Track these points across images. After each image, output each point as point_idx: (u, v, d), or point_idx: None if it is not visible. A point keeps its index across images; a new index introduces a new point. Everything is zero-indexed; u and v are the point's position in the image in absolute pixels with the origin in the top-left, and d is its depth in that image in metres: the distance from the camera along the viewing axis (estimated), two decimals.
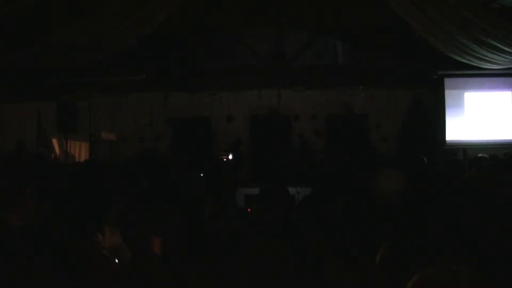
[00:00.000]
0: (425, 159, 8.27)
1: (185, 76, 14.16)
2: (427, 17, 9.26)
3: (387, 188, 4.33)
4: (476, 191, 5.07)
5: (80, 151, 13.41)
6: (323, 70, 14.38)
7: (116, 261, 3.76)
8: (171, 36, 12.11)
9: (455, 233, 3.68)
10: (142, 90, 14.18)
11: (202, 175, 7.38)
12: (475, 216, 4.04)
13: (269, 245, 3.87)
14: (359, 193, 4.89)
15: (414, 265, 2.09)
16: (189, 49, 13.82)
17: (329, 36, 14.12)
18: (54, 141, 12.84)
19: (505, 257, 2.95)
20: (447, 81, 13.39)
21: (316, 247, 3.96)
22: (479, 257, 2.84)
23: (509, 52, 10.17)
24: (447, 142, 13.25)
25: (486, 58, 10.71)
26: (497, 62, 10.93)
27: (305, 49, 13.65)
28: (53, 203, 3.87)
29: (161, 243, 4.56)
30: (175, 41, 12.66)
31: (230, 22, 12.04)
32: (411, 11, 9.22)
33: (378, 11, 10.32)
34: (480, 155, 9.22)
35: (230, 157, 12.49)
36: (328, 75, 14.25)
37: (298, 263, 3.69)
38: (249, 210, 8.76)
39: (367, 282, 3.00)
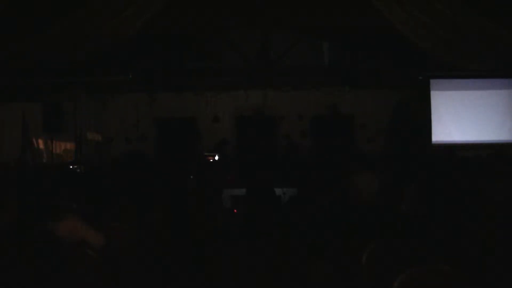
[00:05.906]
0: (411, 160, 8.30)
1: (171, 77, 14.13)
2: (410, 16, 9.29)
3: (360, 189, 4.35)
4: (459, 192, 5.10)
5: (65, 151, 13.32)
6: (309, 70, 14.38)
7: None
8: (157, 36, 12.06)
9: (440, 233, 3.70)
10: (128, 90, 14.13)
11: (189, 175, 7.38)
12: (459, 216, 4.06)
13: (254, 245, 3.87)
14: (343, 194, 4.90)
15: (400, 265, 2.09)
16: (175, 50, 13.77)
17: (314, 37, 14.12)
18: (40, 142, 12.75)
19: (487, 256, 2.97)
20: (433, 82, 13.47)
21: (301, 247, 3.96)
22: (462, 256, 2.85)
23: (492, 52, 10.23)
24: (432, 142, 13.31)
25: (470, 58, 10.76)
26: (481, 61, 10.97)
27: (290, 49, 13.64)
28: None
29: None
30: (161, 41, 12.60)
31: (216, 22, 12.01)
32: (396, 11, 9.24)
33: (363, 12, 10.33)
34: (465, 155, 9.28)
35: (216, 157, 12.47)
36: (314, 75, 14.26)
37: (283, 263, 3.69)
38: (235, 210, 8.72)
39: (351, 282, 3.00)
